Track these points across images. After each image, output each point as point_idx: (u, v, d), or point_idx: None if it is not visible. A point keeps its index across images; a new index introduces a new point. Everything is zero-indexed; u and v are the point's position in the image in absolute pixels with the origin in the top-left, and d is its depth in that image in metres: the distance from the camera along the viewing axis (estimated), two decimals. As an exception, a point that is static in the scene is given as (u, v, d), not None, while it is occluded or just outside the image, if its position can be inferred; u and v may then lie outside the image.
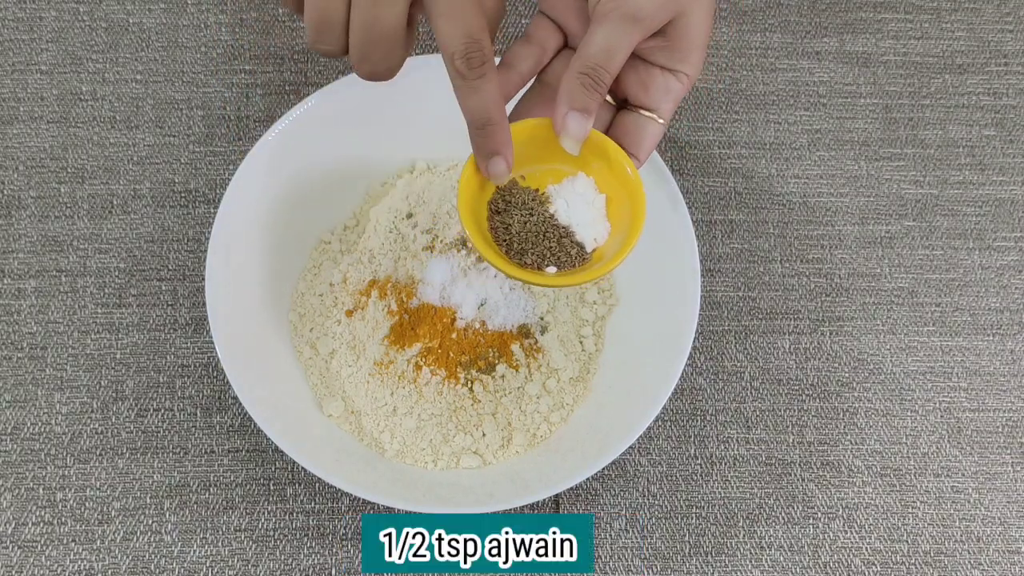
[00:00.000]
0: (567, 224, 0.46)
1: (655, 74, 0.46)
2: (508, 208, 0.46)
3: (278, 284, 0.60)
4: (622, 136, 0.47)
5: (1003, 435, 0.62)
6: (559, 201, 0.46)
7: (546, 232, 0.46)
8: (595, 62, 0.43)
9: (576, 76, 0.43)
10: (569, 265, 0.45)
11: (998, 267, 0.66)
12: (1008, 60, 0.71)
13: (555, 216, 0.46)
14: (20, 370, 0.61)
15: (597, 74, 0.43)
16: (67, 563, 0.58)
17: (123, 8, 0.69)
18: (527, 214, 0.46)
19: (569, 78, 0.43)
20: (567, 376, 0.59)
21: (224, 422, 0.60)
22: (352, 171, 0.63)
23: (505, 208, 0.46)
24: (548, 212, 0.46)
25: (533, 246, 0.46)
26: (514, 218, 0.46)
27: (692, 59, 0.46)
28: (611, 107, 0.48)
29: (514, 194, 0.46)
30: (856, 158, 0.68)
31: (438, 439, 0.58)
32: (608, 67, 0.43)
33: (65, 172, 0.65)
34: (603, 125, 0.48)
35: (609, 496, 0.60)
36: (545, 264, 0.45)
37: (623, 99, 0.48)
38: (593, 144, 0.45)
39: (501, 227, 0.46)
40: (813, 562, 0.59)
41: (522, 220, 0.46)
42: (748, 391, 0.63)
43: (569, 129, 0.44)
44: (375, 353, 0.59)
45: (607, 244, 0.47)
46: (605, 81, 0.43)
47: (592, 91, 0.43)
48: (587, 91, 0.43)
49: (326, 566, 0.58)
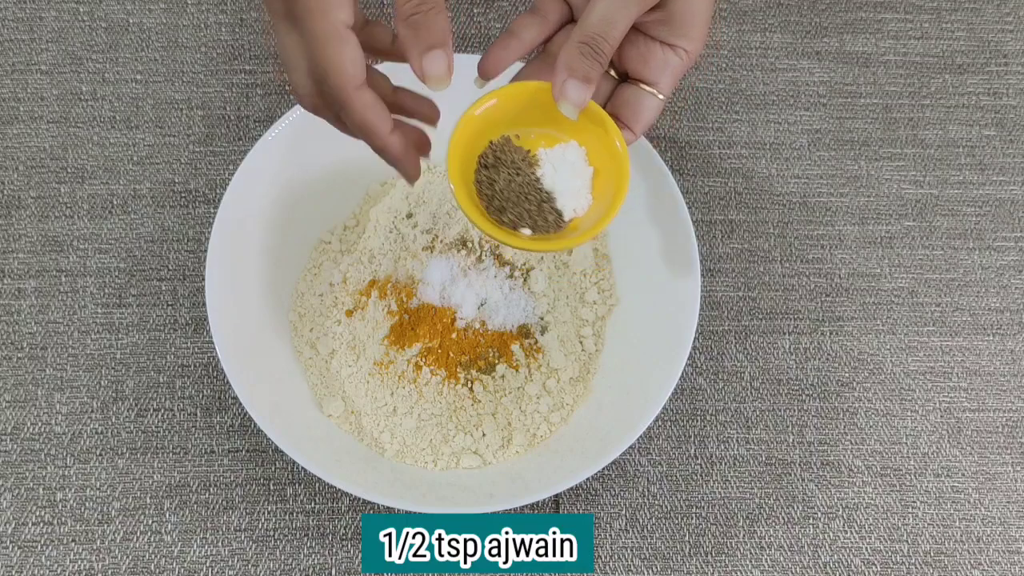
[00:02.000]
0: (551, 190, 0.46)
1: (655, 48, 0.46)
2: (497, 164, 0.46)
3: (278, 284, 0.60)
4: (620, 108, 0.47)
5: (1003, 435, 0.62)
6: (547, 166, 0.46)
7: (528, 194, 0.46)
8: (595, 31, 0.43)
9: (576, 45, 0.44)
10: (544, 230, 0.46)
11: (998, 267, 0.66)
12: (1008, 60, 0.71)
13: (540, 180, 0.46)
14: (20, 370, 0.61)
15: (596, 43, 0.43)
16: (67, 563, 0.58)
17: (123, 8, 0.69)
18: (514, 173, 0.46)
19: (569, 47, 0.44)
20: (567, 376, 0.59)
21: (224, 422, 0.60)
22: (352, 171, 0.63)
23: (494, 164, 0.46)
24: (535, 175, 0.46)
25: (513, 206, 0.46)
26: (501, 175, 0.46)
27: (692, 34, 0.46)
28: (612, 80, 0.48)
29: (506, 152, 0.46)
30: (856, 158, 0.68)
31: (438, 439, 0.58)
32: (608, 37, 0.43)
33: (65, 172, 0.65)
34: (603, 98, 0.48)
35: (609, 496, 0.60)
36: (521, 225, 0.45)
37: (624, 73, 0.48)
38: (590, 115, 0.46)
39: (486, 182, 0.46)
40: (813, 562, 0.59)
41: (508, 178, 0.46)
42: (748, 391, 0.63)
43: (568, 95, 0.44)
44: (375, 353, 0.59)
45: (586, 216, 0.47)
46: (605, 51, 0.44)
47: (591, 60, 0.43)
48: (586, 59, 0.43)
49: (326, 566, 0.58)
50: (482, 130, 0.46)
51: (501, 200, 0.45)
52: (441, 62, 0.42)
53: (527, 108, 0.46)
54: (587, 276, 0.62)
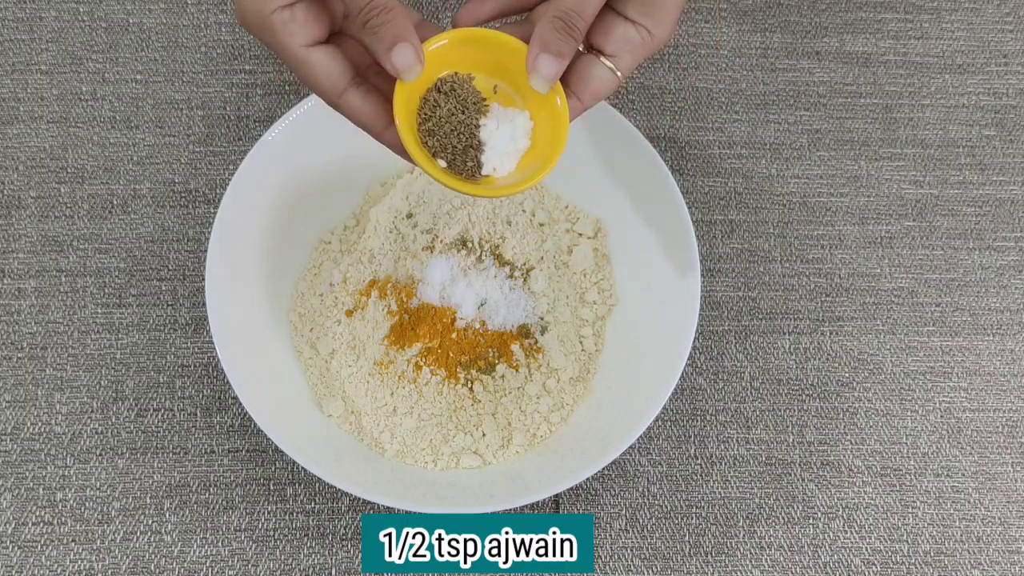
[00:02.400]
0: (484, 140, 0.47)
1: (619, 23, 0.46)
2: (449, 94, 0.47)
3: (278, 284, 0.60)
4: (570, 73, 0.47)
5: (1003, 435, 0.62)
6: (492, 120, 0.47)
7: (461, 132, 0.46)
8: (569, 7, 0.44)
9: (551, 20, 0.44)
10: (457, 172, 0.46)
11: (998, 267, 0.66)
12: (1008, 60, 0.71)
13: (479, 128, 0.47)
14: (20, 370, 0.61)
15: (571, 19, 0.44)
16: (67, 563, 0.58)
17: (123, 8, 0.69)
18: (459, 109, 0.46)
19: (544, 22, 0.44)
20: (567, 376, 0.59)
21: (224, 422, 0.60)
22: (352, 171, 0.63)
23: (447, 92, 0.47)
24: (477, 121, 0.47)
25: (443, 136, 0.46)
26: (447, 104, 0.46)
27: (659, 16, 0.46)
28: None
29: (464, 87, 0.47)
30: (856, 158, 0.68)
31: (438, 439, 0.58)
32: (582, 14, 0.44)
33: (65, 172, 0.65)
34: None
35: (609, 496, 0.60)
36: (440, 156, 0.46)
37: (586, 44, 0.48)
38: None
39: (432, 103, 0.46)
40: (813, 562, 0.59)
41: (451, 111, 0.46)
42: (748, 391, 0.63)
43: (540, 69, 0.45)
44: (375, 353, 0.59)
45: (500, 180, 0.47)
46: (579, 27, 0.44)
47: (565, 35, 0.44)
48: (560, 35, 0.44)
49: (326, 566, 0.58)
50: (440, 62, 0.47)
51: (435, 125, 0.46)
52: (408, 53, 0.43)
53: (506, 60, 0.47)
54: (587, 276, 0.62)
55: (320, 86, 0.44)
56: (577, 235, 0.63)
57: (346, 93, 0.44)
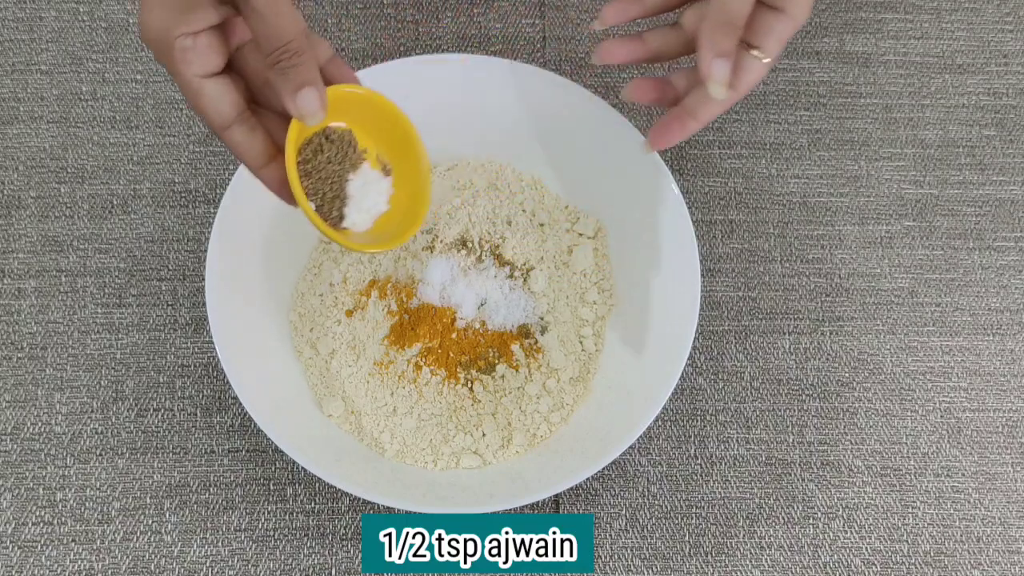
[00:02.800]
0: (349, 195, 0.48)
1: (760, 10, 0.47)
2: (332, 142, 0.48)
3: (278, 284, 0.60)
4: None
5: (1003, 435, 0.62)
6: (361, 177, 0.49)
7: (332, 181, 0.48)
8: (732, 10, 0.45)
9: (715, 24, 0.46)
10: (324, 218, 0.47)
11: (998, 267, 0.66)
12: (1008, 60, 0.71)
13: (348, 181, 0.48)
14: (20, 370, 0.61)
15: (735, 22, 0.46)
16: (67, 563, 0.58)
17: (123, 8, 0.69)
18: (337, 159, 0.48)
19: (709, 26, 0.46)
20: (567, 376, 0.59)
21: (224, 422, 0.60)
22: (352, 171, 0.63)
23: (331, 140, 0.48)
24: (347, 175, 0.48)
25: (318, 180, 0.47)
26: (328, 152, 0.48)
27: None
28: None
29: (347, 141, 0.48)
30: (856, 158, 0.68)
31: (438, 439, 0.58)
32: (743, 12, 0.46)
33: (65, 172, 0.65)
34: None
35: (609, 496, 0.60)
36: (312, 198, 0.47)
37: None
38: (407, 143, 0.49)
39: (315, 146, 0.47)
40: (813, 562, 0.59)
41: (328, 158, 0.48)
42: (748, 391, 0.63)
43: (715, 74, 0.46)
44: (375, 353, 0.59)
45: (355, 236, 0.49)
46: (740, 27, 0.46)
47: (733, 37, 0.46)
48: (727, 37, 0.46)
49: (326, 566, 0.58)
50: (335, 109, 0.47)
51: (312, 168, 0.47)
52: (312, 97, 0.44)
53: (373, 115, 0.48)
54: (587, 276, 0.62)
55: (208, 117, 0.44)
56: (577, 235, 0.63)
57: (232, 127, 0.45)
